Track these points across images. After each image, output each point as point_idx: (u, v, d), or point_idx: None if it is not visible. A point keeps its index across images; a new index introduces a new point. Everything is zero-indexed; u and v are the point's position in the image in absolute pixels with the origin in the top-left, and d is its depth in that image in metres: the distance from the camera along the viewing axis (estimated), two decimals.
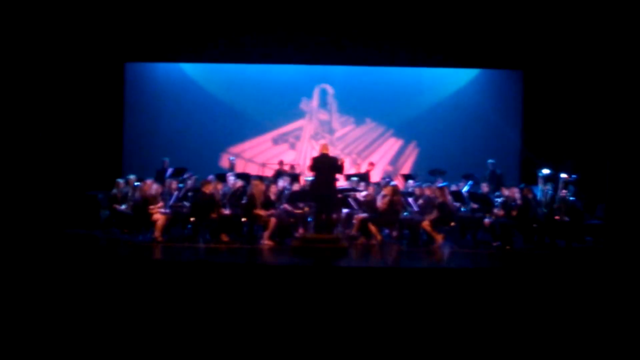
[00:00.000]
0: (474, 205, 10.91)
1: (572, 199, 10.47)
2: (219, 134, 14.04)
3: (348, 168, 11.54)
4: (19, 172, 11.82)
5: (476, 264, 9.10)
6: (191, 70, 14.18)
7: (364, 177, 11.88)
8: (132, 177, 11.12)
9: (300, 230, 10.60)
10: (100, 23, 12.49)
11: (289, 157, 13.77)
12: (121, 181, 11.02)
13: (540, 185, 10.92)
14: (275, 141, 14.24)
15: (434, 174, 12.27)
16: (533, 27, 12.53)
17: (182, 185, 11.17)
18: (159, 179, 11.53)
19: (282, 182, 11.16)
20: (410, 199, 10.90)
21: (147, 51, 13.42)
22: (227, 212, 10.43)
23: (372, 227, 10.35)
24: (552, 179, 10.85)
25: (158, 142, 13.72)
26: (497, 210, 10.40)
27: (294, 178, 11.53)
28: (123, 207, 10.69)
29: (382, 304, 6.92)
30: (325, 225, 9.70)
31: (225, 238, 10.16)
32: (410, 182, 11.97)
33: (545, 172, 10.99)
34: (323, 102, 14.27)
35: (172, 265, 8.37)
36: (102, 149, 13.13)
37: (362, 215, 10.54)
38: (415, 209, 10.74)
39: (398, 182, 12.13)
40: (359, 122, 14.30)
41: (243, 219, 10.42)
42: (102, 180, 11.85)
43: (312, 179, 9.96)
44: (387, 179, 11.85)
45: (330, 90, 14.23)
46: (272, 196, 10.45)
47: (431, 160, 13.31)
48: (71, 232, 10.95)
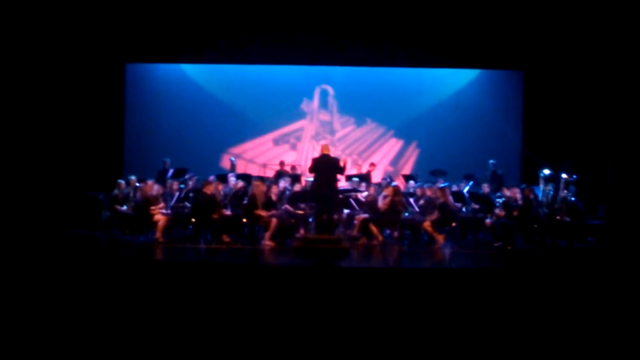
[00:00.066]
0: (475, 206, 10.91)
1: (573, 199, 10.46)
2: (220, 134, 14.04)
3: (349, 169, 11.55)
4: (20, 173, 11.83)
5: (477, 264, 9.10)
6: (192, 71, 14.19)
7: (365, 178, 11.88)
8: (133, 177, 11.11)
9: (301, 231, 10.59)
10: (100, 24, 12.51)
11: (289, 158, 13.78)
12: (122, 182, 11.03)
13: (541, 186, 10.93)
14: (276, 142, 14.25)
15: (435, 174, 12.27)
16: (533, 28, 12.55)
17: (183, 186, 11.17)
18: (160, 179, 11.53)
19: (283, 183, 11.16)
20: (411, 200, 10.90)
21: (148, 52, 13.44)
22: (228, 212, 10.43)
23: (373, 228, 10.34)
24: (553, 179, 10.86)
25: (159, 142, 13.73)
26: (498, 211, 10.40)
27: (295, 179, 11.52)
28: (124, 207, 10.69)
29: (384, 304, 6.91)
30: (327, 225, 9.69)
31: (226, 239, 10.15)
32: (411, 182, 11.97)
33: (546, 172, 11.00)
34: (324, 103, 14.27)
35: (173, 266, 8.36)
36: (103, 149, 13.15)
37: (363, 215, 10.53)
38: (416, 209, 10.74)
39: (399, 182, 12.13)
40: (360, 122, 14.31)
41: (244, 220, 10.42)
42: (103, 181, 11.87)
43: (313, 179, 9.96)
44: (388, 180, 11.84)
45: (330, 90, 14.23)
46: (273, 197, 10.44)
47: (432, 161, 13.31)
48: (72, 232, 10.95)
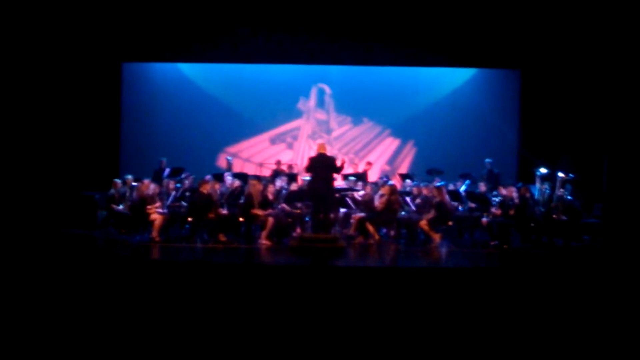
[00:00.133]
0: (471, 205, 10.92)
1: (570, 198, 10.48)
2: (217, 133, 14.03)
3: (345, 168, 11.55)
4: (15, 173, 11.80)
5: (474, 263, 9.11)
6: (188, 70, 14.16)
7: (362, 177, 11.88)
8: (129, 177, 11.11)
9: (298, 230, 10.59)
10: (97, 23, 12.47)
11: (286, 157, 13.76)
12: (118, 181, 11.01)
13: (538, 185, 10.94)
14: (273, 141, 14.23)
15: (432, 173, 12.28)
16: (530, 27, 12.55)
17: (179, 185, 11.16)
18: (157, 179, 11.51)
19: (280, 182, 11.15)
20: (407, 199, 10.90)
21: (144, 51, 13.40)
22: (224, 212, 10.42)
23: (370, 227, 10.35)
24: (550, 178, 10.87)
25: (155, 142, 13.71)
26: (494, 210, 10.41)
27: (292, 178, 11.51)
28: (120, 207, 10.68)
29: (380, 303, 6.91)
30: (323, 224, 9.70)
31: (223, 238, 10.14)
32: (408, 181, 11.97)
33: (542, 171, 11.02)
34: (320, 102, 14.26)
35: (169, 265, 8.36)
36: (99, 149, 13.12)
37: (360, 214, 10.53)
38: (413, 208, 10.74)
39: (395, 181, 12.13)
40: (357, 121, 14.30)
41: (241, 219, 10.41)
42: (100, 181, 11.84)
43: (310, 178, 9.95)
44: (385, 179, 11.84)
45: (327, 89, 14.23)
46: (270, 196, 10.44)
47: (428, 160, 13.32)
48: (68, 232, 10.93)
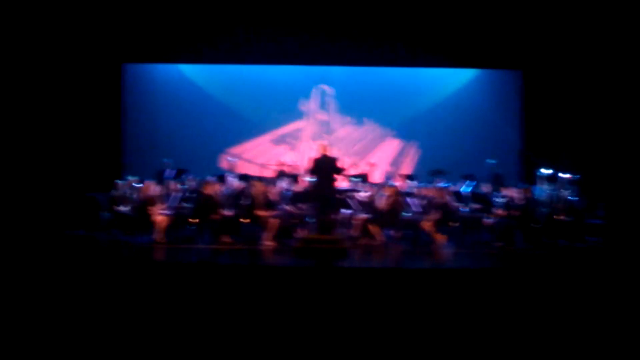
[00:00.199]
0: (475, 206, 10.91)
1: (573, 198, 10.46)
2: (218, 135, 14.01)
3: (348, 169, 11.55)
4: (18, 174, 11.81)
5: (478, 264, 9.09)
6: (190, 71, 14.16)
7: (364, 178, 11.87)
8: (132, 178, 11.10)
9: (302, 231, 10.58)
10: (98, 24, 12.48)
11: (288, 158, 13.74)
12: (121, 182, 11.01)
13: (541, 185, 10.92)
14: (275, 142, 14.23)
15: (435, 174, 12.26)
16: (532, 27, 12.55)
17: (183, 186, 11.15)
18: (159, 180, 11.51)
19: (283, 183, 11.14)
20: (411, 200, 10.88)
21: (146, 52, 13.40)
22: (228, 213, 10.42)
23: (374, 228, 10.34)
24: (553, 178, 10.86)
25: (157, 143, 13.69)
26: (498, 211, 10.40)
27: (295, 179, 11.51)
28: (124, 208, 10.67)
29: (384, 304, 6.91)
30: (327, 226, 9.68)
31: (227, 239, 10.13)
32: (411, 182, 11.96)
33: (545, 171, 11.00)
34: (322, 103, 14.25)
35: (173, 266, 8.35)
36: (102, 150, 13.11)
37: (364, 216, 10.52)
38: (417, 209, 10.72)
39: (398, 182, 12.12)
40: (359, 122, 14.28)
41: (244, 220, 10.39)
42: (102, 182, 11.82)
43: (313, 179, 9.94)
44: (388, 180, 11.83)
45: (329, 90, 14.21)
46: (273, 197, 10.43)
47: (431, 161, 13.29)
48: (71, 233, 10.93)
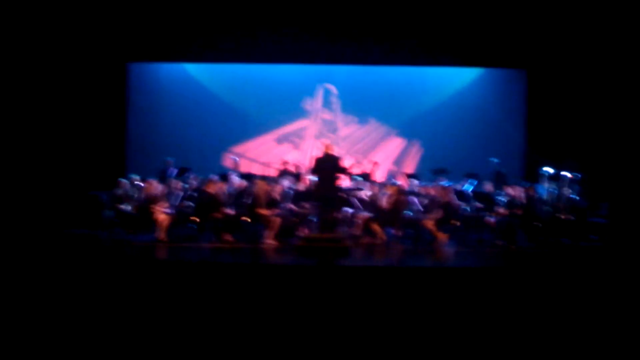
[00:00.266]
0: (478, 205, 10.89)
1: (576, 197, 10.44)
2: (222, 133, 14.01)
3: (352, 168, 11.55)
4: (22, 173, 11.85)
5: (480, 263, 9.09)
6: (194, 70, 14.17)
7: (367, 177, 11.87)
8: (135, 177, 11.13)
9: (304, 230, 10.58)
10: (102, 23, 12.50)
11: (292, 157, 13.75)
12: (124, 181, 11.03)
13: (544, 184, 10.90)
14: (279, 141, 14.23)
15: (438, 173, 12.24)
16: (537, 26, 12.51)
17: (185, 185, 11.17)
18: (163, 179, 11.53)
19: (286, 182, 11.15)
20: (414, 199, 10.88)
21: (150, 51, 13.41)
22: (231, 211, 10.43)
23: (376, 227, 10.33)
24: (556, 177, 10.84)
25: (161, 142, 13.70)
26: (501, 209, 10.38)
27: (298, 178, 11.52)
28: (126, 207, 10.69)
29: (386, 303, 6.91)
30: (329, 224, 9.69)
31: (229, 238, 10.15)
32: (414, 181, 11.95)
33: (549, 170, 10.97)
34: (326, 102, 14.24)
35: (176, 265, 8.36)
36: (105, 149, 13.13)
37: (366, 214, 10.52)
38: (419, 208, 10.72)
39: (402, 181, 12.11)
40: (363, 121, 14.27)
41: (247, 219, 10.41)
42: (105, 180, 11.85)
43: (316, 178, 9.95)
44: (391, 179, 11.82)
45: (333, 89, 14.20)
46: (276, 196, 10.44)
47: (435, 160, 13.27)
48: (74, 232, 10.96)
